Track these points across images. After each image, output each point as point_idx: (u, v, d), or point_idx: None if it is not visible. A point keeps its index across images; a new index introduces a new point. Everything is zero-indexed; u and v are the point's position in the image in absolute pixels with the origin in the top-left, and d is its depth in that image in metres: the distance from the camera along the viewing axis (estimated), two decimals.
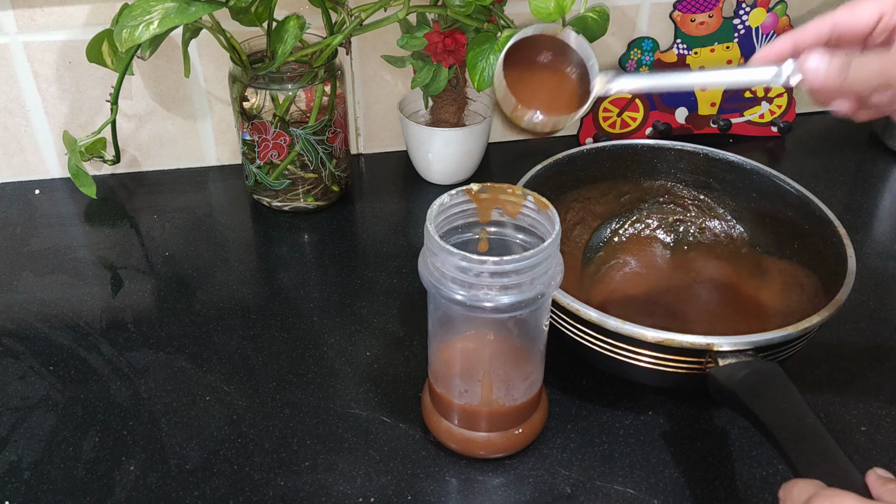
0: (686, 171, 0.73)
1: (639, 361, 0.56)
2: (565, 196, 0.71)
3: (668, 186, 0.73)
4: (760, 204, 0.70)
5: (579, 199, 0.72)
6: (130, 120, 0.85)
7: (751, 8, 0.87)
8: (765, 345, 0.54)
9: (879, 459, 0.57)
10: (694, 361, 0.55)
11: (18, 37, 0.78)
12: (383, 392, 0.62)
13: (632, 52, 0.88)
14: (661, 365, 0.56)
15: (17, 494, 0.54)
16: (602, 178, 0.73)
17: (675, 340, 0.54)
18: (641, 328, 0.54)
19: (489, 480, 0.56)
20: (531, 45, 0.55)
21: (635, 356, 0.56)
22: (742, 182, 0.71)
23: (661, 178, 0.73)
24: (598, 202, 0.73)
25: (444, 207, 0.51)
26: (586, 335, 0.58)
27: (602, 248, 0.73)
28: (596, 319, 0.55)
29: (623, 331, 0.54)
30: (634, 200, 0.74)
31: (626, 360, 0.57)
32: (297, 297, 0.71)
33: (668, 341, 0.54)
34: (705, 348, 0.54)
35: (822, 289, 0.63)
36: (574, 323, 0.58)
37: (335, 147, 0.79)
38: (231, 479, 0.55)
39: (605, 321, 0.55)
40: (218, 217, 0.83)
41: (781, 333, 0.54)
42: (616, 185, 0.73)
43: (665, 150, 0.73)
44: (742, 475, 0.56)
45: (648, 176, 0.73)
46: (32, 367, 0.64)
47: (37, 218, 0.82)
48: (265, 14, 0.71)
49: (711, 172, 0.72)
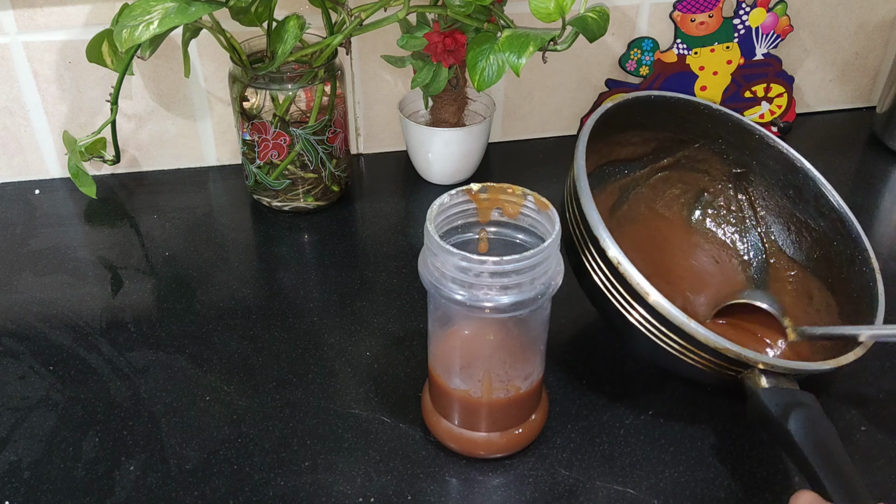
0: (734, 146, 0.70)
1: (675, 350, 0.55)
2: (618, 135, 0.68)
3: (710, 153, 0.71)
4: (794, 203, 0.69)
5: (623, 143, 0.70)
6: (130, 120, 0.85)
7: (751, 8, 0.87)
8: (809, 373, 0.55)
9: (879, 459, 0.57)
10: (733, 368, 0.54)
11: (18, 37, 0.78)
12: (383, 392, 0.62)
13: (632, 51, 0.88)
14: (696, 360, 0.55)
15: (17, 494, 0.54)
16: (651, 128, 0.70)
17: (728, 348, 0.52)
18: (699, 327, 0.52)
19: (489, 480, 0.56)
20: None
21: (674, 346, 0.54)
22: (784, 175, 0.69)
23: (705, 142, 0.71)
24: (640, 147, 0.71)
25: (444, 207, 0.51)
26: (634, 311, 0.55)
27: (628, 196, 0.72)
28: (663, 306, 0.53)
29: (681, 324, 0.52)
30: (671, 155, 0.72)
31: (661, 344, 0.55)
32: (297, 297, 0.71)
33: (723, 349, 0.53)
34: (751, 363, 0.53)
35: (836, 308, 0.63)
36: (629, 297, 0.55)
37: (335, 147, 0.79)
38: (231, 479, 0.55)
39: (669, 310, 0.52)
40: (218, 217, 0.83)
41: (827, 367, 0.54)
42: (658, 136, 0.71)
43: (723, 117, 0.69)
44: (742, 475, 0.56)
45: (695, 136, 0.71)
46: (32, 367, 0.64)
47: (37, 218, 0.82)
48: (265, 14, 0.71)
49: (758, 155, 0.70)
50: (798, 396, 0.53)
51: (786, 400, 0.52)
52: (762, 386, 0.53)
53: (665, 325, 0.53)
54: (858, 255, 0.63)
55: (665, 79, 0.89)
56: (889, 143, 0.92)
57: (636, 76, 0.89)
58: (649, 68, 0.88)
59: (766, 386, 0.53)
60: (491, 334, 0.52)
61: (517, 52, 0.66)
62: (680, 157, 0.72)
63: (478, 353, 0.53)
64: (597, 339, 0.67)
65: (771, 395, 0.52)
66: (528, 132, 0.94)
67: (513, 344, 0.53)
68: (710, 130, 0.70)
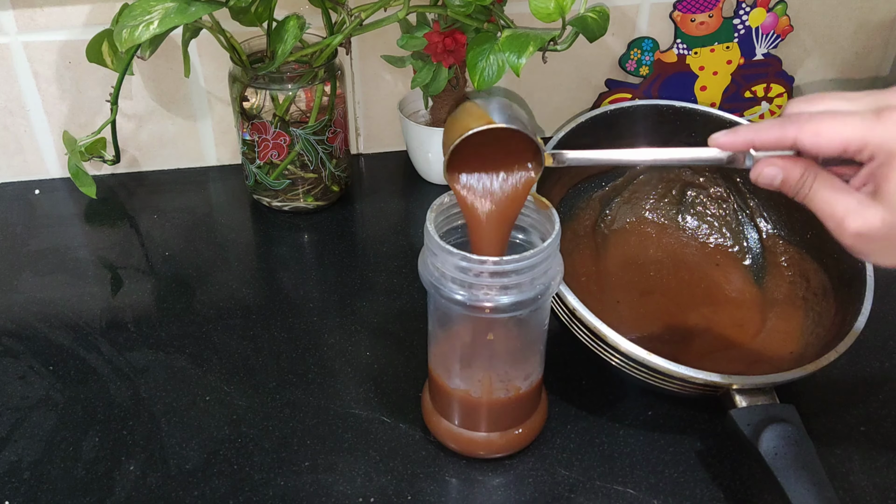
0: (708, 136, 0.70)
1: (654, 382, 0.57)
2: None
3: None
4: None
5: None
6: (130, 120, 0.85)
7: (751, 8, 0.87)
8: (784, 383, 0.55)
9: (879, 459, 0.57)
10: (709, 390, 0.56)
11: (18, 37, 0.78)
12: (383, 392, 0.62)
13: (632, 52, 0.88)
14: (675, 387, 0.56)
15: (17, 494, 0.54)
16: (619, 137, 0.70)
17: (696, 378, 0.54)
18: (665, 362, 0.54)
19: (489, 480, 0.56)
20: (472, 142, 0.49)
21: (651, 379, 0.56)
22: None
23: (676, 140, 0.71)
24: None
25: (444, 207, 0.51)
26: (610, 354, 0.57)
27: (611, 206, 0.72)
28: (624, 348, 0.54)
29: (648, 362, 0.54)
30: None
31: (641, 378, 0.57)
32: (297, 297, 0.71)
33: (690, 377, 0.54)
34: (725, 386, 0.55)
35: (832, 291, 0.63)
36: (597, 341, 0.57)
37: (335, 147, 0.79)
38: (231, 479, 0.55)
39: (640, 354, 0.54)
40: (218, 217, 0.83)
41: (801, 374, 0.55)
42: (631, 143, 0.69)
43: (690, 113, 0.70)
44: (742, 475, 0.56)
45: (665, 136, 0.71)
46: (32, 367, 0.64)
47: (37, 218, 0.82)
48: (265, 14, 0.71)
49: None
50: (773, 412, 0.53)
51: (758, 418, 0.53)
52: (737, 405, 0.54)
53: (639, 364, 0.55)
54: None
55: (665, 79, 0.89)
56: None
57: (636, 76, 0.89)
58: (649, 68, 0.88)
59: (741, 405, 0.54)
60: (491, 334, 0.52)
61: (517, 52, 0.66)
62: None
63: (478, 353, 0.53)
64: None
65: (743, 415, 0.53)
66: None
67: (513, 344, 0.53)
68: (680, 127, 0.70)
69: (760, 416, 0.53)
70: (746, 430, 0.53)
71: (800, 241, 0.68)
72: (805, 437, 0.52)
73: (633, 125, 0.70)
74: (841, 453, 0.57)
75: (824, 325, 0.62)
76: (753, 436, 0.52)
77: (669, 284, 0.69)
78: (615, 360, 0.56)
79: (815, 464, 0.51)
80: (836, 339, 0.57)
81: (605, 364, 0.58)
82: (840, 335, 0.57)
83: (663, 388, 0.57)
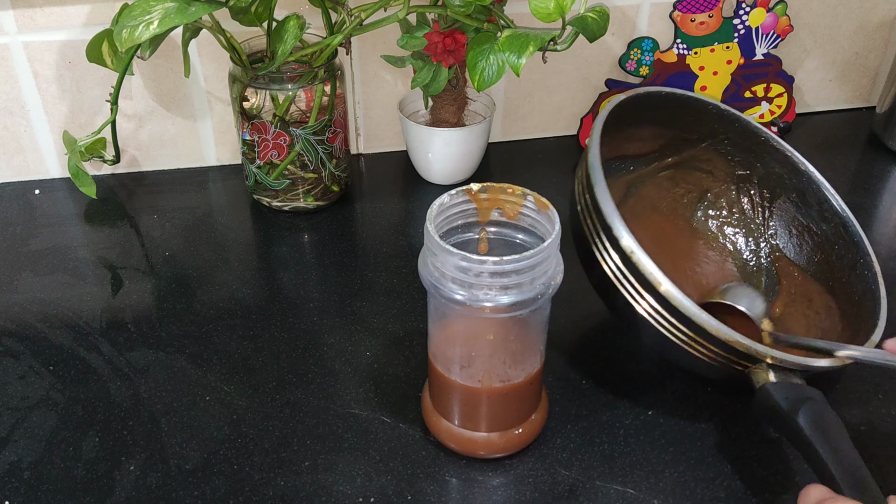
0: (740, 147, 0.70)
1: (684, 342, 0.55)
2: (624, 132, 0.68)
3: (715, 153, 0.71)
4: (797, 207, 0.69)
5: (631, 139, 0.69)
6: (130, 120, 0.85)
7: (751, 8, 0.87)
8: (817, 370, 0.55)
9: (879, 459, 0.57)
10: (741, 363, 0.54)
11: (18, 37, 0.78)
12: (383, 392, 0.62)
13: (632, 51, 0.88)
14: (704, 353, 0.55)
15: (17, 494, 0.54)
16: (660, 124, 0.70)
17: (739, 341, 0.52)
18: (711, 318, 0.52)
19: (489, 480, 0.56)
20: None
21: (683, 338, 0.54)
22: (788, 179, 0.69)
23: (711, 143, 0.70)
24: (647, 143, 0.70)
25: (444, 207, 0.51)
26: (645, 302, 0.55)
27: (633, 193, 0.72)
28: (675, 296, 0.52)
29: (692, 314, 0.52)
30: (677, 153, 0.71)
31: (669, 336, 0.55)
32: (297, 297, 0.71)
33: (736, 342, 0.52)
34: (760, 357, 0.53)
35: (837, 311, 0.63)
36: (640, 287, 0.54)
37: (335, 147, 0.79)
38: (231, 479, 0.55)
39: (680, 300, 0.52)
40: (218, 217, 0.83)
41: (833, 364, 0.54)
42: (665, 133, 0.70)
43: (731, 117, 0.69)
44: (742, 475, 0.56)
45: (702, 135, 0.70)
46: (32, 367, 0.64)
47: (37, 218, 0.82)
48: (265, 14, 0.71)
49: (763, 157, 0.69)
50: (806, 392, 0.53)
51: (794, 395, 0.52)
52: (770, 380, 0.53)
53: (675, 316, 0.53)
54: (860, 260, 0.63)
55: (665, 79, 0.89)
56: (889, 143, 0.92)
57: (636, 76, 0.89)
58: (649, 68, 0.88)
59: (773, 380, 0.53)
60: (491, 334, 0.52)
61: (517, 52, 0.66)
62: (685, 156, 0.71)
63: (478, 353, 0.53)
64: (597, 339, 0.67)
65: (780, 389, 0.53)
66: (528, 132, 0.94)
67: (513, 344, 0.53)
68: (717, 130, 0.70)
69: (796, 393, 0.52)
70: (784, 404, 0.52)
71: (806, 264, 0.67)
72: (839, 419, 0.51)
73: (672, 115, 0.69)
74: None
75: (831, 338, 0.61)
76: (792, 409, 0.51)
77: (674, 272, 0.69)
78: (654, 312, 0.54)
79: (850, 444, 0.50)
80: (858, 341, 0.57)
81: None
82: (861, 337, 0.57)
83: (692, 353, 0.55)
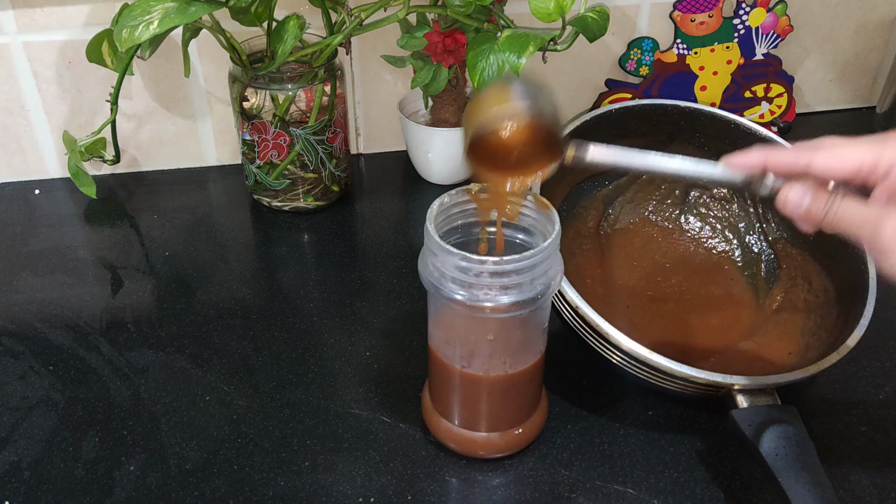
0: (711, 137, 0.70)
1: (656, 381, 0.57)
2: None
3: (689, 148, 0.71)
4: None
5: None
6: (130, 120, 0.85)
7: (751, 8, 0.87)
8: (785, 384, 0.55)
9: (879, 460, 0.57)
10: (711, 390, 0.56)
11: (18, 37, 0.78)
12: (383, 392, 0.62)
13: (632, 51, 0.88)
14: (677, 386, 0.56)
15: (17, 494, 0.54)
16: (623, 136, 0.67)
17: (699, 378, 0.54)
18: (668, 361, 0.54)
19: (489, 480, 0.56)
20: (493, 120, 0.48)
21: (653, 379, 0.56)
22: None
23: (681, 140, 0.70)
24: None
25: (444, 207, 0.51)
26: (612, 353, 0.57)
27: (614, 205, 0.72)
28: (627, 347, 0.55)
29: (651, 361, 0.54)
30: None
31: (642, 377, 0.57)
32: (297, 297, 0.71)
33: (692, 377, 0.54)
34: (727, 386, 0.55)
35: (834, 293, 0.63)
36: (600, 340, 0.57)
37: (335, 147, 0.79)
38: (231, 479, 0.55)
39: (641, 353, 0.54)
40: (218, 217, 0.83)
41: (803, 374, 0.55)
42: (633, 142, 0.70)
43: (693, 111, 0.69)
44: (742, 475, 0.56)
45: (669, 136, 0.70)
46: (32, 367, 0.64)
47: (37, 218, 0.82)
48: (265, 14, 0.71)
49: (737, 142, 0.68)
50: (775, 413, 0.53)
51: (760, 419, 0.53)
52: (738, 405, 0.54)
53: (641, 364, 0.55)
54: None
55: (665, 79, 0.89)
56: None
57: (636, 76, 0.89)
58: (649, 68, 0.88)
59: (742, 405, 0.54)
60: (491, 334, 0.52)
61: (517, 52, 0.66)
62: None
63: (478, 352, 0.53)
64: None
65: (744, 415, 0.54)
66: None
67: (513, 344, 0.53)
68: (684, 127, 0.70)
69: (762, 416, 0.53)
70: (748, 431, 0.53)
71: (803, 244, 0.67)
72: (806, 438, 0.52)
73: (636, 125, 0.70)
74: (841, 453, 0.57)
75: (826, 327, 0.62)
76: (755, 436, 0.52)
77: (671, 285, 0.69)
78: (617, 358, 0.56)
79: (815, 465, 0.51)
80: (839, 341, 0.57)
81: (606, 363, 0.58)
82: (842, 338, 0.57)
83: (665, 387, 0.57)
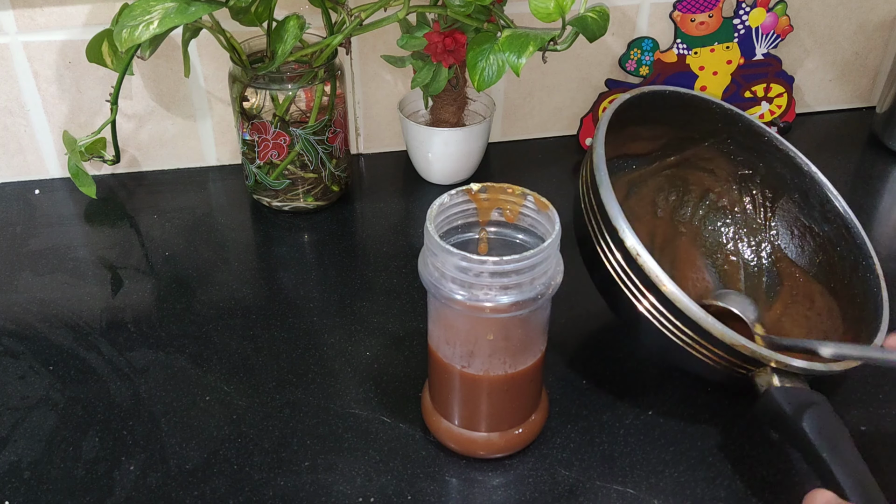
0: (742, 147, 0.70)
1: (687, 345, 0.54)
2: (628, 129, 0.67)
3: (717, 153, 0.71)
4: (799, 207, 0.68)
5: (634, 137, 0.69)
6: (130, 120, 0.85)
7: (751, 8, 0.87)
8: (820, 374, 0.55)
9: (879, 460, 0.57)
10: (745, 366, 0.54)
11: (18, 37, 0.78)
12: (383, 392, 0.62)
13: (632, 51, 0.88)
14: (707, 355, 0.54)
15: (17, 494, 0.54)
16: (663, 123, 0.69)
17: (743, 345, 0.52)
18: (716, 322, 0.52)
19: (489, 480, 0.56)
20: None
21: (686, 340, 0.54)
22: (791, 179, 0.68)
23: (713, 142, 0.70)
24: (650, 142, 0.70)
25: (444, 207, 0.51)
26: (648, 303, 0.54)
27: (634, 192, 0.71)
28: (679, 298, 0.52)
29: (697, 318, 0.52)
30: (680, 152, 0.71)
31: (672, 338, 0.55)
32: (297, 297, 0.71)
33: (740, 346, 0.52)
34: (764, 361, 0.53)
35: (839, 313, 0.63)
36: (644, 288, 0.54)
37: (335, 147, 0.79)
38: (231, 479, 0.55)
39: (685, 302, 0.52)
40: (218, 217, 0.83)
41: (838, 368, 0.55)
42: (668, 132, 0.70)
43: (734, 117, 0.69)
44: (742, 475, 0.56)
45: (705, 134, 0.70)
46: (32, 367, 0.64)
47: (37, 218, 0.82)
48: (265, 14, 0.71)
49: (765, 157, 0.69)
50: (810, 396, 0.53)
51: (799, 399, 0.52)
52: (774, 384, 0.53)
53: (679, 319, 0.53)
54: (862, 262, 0.63)
55: (665, 79, 0.89)
56: (889, 143, 0.92)
57: (636, 76, 0.89)
58: (649, 68, 0.88)
59: (778, 385, 0.53)
60: (491, 334, 0.52)
61: (517, 52, 0.66)
62: (688, 155, 0.71)
63: (478, 352, 0.53)
64: (597, 339, 0.67)
65: (784, 393, 0.53)
66: (528, 132, 0.94)
67: (513, 344, 0.53)
68: (721, 129, 0.70)
69: (801, 397, 0.52)
70: (788, 408, 0.52)
71: (808, 265, 0.67)
72: (841, 422, 0.51)
73: (672, 115, 0.69)
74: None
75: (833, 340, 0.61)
76: (796, 414, 0.51)
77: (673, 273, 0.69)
78: (661, 316, 0.54)
79: (853, 447, 0.50)
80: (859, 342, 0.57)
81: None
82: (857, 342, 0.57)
83: (690, 359, 0.55)
